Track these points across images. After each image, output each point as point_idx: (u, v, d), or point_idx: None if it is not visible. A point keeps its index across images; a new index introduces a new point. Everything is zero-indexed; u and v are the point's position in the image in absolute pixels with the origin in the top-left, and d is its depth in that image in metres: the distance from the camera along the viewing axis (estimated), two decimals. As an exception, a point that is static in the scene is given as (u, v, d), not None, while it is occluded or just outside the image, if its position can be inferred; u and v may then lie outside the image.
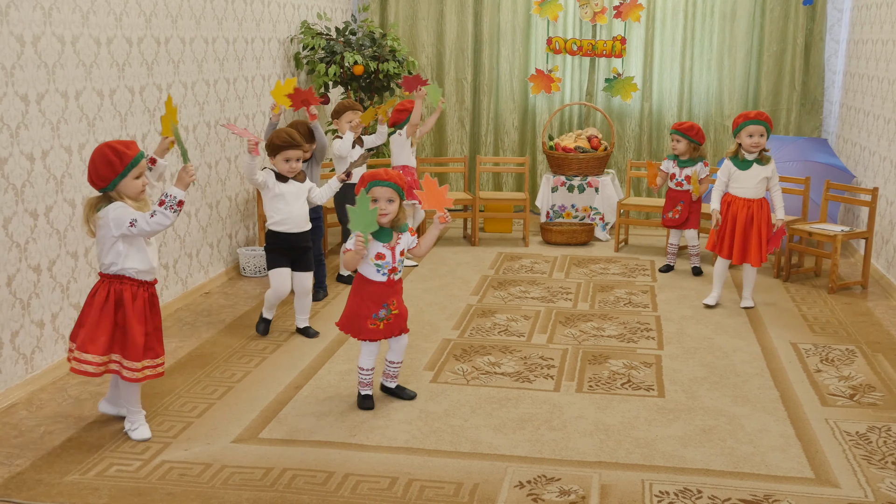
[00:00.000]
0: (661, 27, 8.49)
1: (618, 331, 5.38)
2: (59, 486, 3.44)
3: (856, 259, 7.09)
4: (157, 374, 3.80)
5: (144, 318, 3.74)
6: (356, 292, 4.13)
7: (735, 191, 5.72)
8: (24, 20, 4.23)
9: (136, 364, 3.70)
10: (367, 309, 4.08)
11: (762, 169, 5.63)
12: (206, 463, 3.64)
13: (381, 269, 4.05)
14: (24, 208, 4.27)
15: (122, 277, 3.70)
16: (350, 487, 3.46)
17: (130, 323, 3.68)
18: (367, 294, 4.08)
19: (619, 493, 3.44)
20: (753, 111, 5.68)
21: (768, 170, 5.64)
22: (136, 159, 3.62)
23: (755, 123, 5.59)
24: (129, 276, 3.70)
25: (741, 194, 5.68)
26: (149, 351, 3.75)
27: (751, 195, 5.65)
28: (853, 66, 7.73)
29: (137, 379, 3.72)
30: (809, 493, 3.46)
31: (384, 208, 3.98)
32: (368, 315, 4.08)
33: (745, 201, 5.66)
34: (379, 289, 4.08)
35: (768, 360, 4.89)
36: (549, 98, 8.73)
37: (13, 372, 4.26)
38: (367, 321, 4.09)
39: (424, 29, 8.69)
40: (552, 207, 7.85)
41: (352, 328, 4.14)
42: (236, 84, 6.44)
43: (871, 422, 4.10)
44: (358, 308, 4.10)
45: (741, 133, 5.64)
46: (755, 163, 5.63)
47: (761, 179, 5.63)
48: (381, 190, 3.97)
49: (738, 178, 5.68)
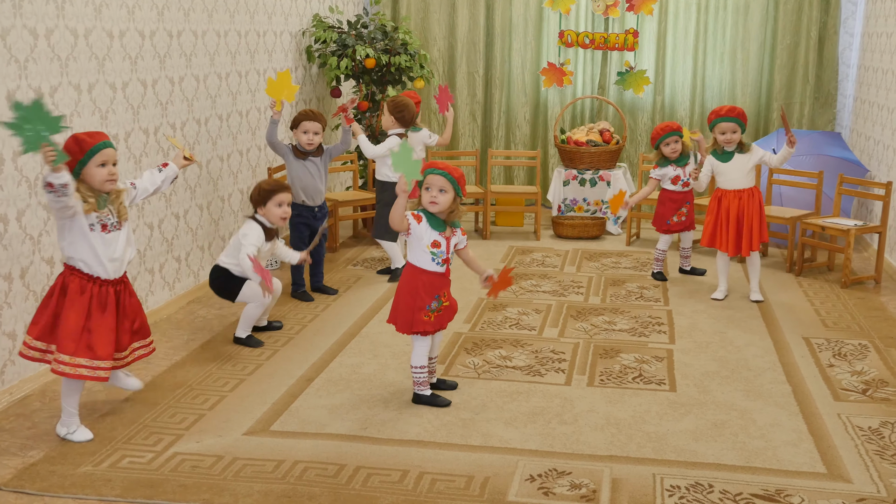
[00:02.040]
0: (674, 20, 8.45)
1: (629, 325, 5.37)
2: (72, 478, 3.46)
3: (869, 254, 7.06)
4: (96, 377, 3.66)
5: (86, 312, 3.64)
6: (407, 284, 4.04)
7: (723, 184, 5.71)
8: (38, 13, 4.24)
9: (65, 357, 3.61)
10: (421, 300, 4.01)
11: (745, 158, 5.64)
12: (218, 455, 3.66)
13: (436, 258, 4.00)
14: (38, 201, 4.29)
15: (73, 269, 3.65)
16: (361, 480, 3.46)
17: (66, 313, 3.62)
18: (421, 284, 4.01)
19: (630, 486, 3.44)
20: (726, 107, 5.68)
21: (754, 157, 5.65)
22: (97, 147, 3.59)
23: (726, 121, 5.61)
24: (79, 268, 3.65)
25: (730, 186, 5.68)
26: (86, 349, 3.63)
27: (739, 185, 5.66)
28: (867, 60, 7.68)
29: (67, 374, 3.62)
30: (821, 487, 3.45)
31: (435, 197, 3.94)
32: (422, 307, 4.01)
33: (736, 192, 5.67)
34: (433, 279, 4.03)
35: (780, 355, 4.88)
36: (561, 91, 8.70)
37: (27, 364, 4.28)
38: (420, 313, 4.01)
39: (436, 22, 8.68)
40: (564, 201, 7.83)
41: (403, 322, 4.06)
42: (248, 77, 6.45)
43: (883, 417, 4.09)
44: (411, 300, 4.02)
45: (714, 130, 5.68)
46: (736, 153, 5.65)
47: (749, 168, 5.64)
48: (434, 178, 3.93)
49: (723, 170, 5.69)
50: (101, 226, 3.65)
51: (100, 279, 3.67)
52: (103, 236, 3.65)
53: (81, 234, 3.61)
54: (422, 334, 4.07)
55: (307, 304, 5.69)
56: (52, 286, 3.69)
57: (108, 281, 3.70)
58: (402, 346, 4.93)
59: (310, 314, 5.50)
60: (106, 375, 3.70)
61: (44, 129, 3.30)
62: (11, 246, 4.14)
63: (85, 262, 3.64)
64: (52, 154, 3.32)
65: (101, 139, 3.64)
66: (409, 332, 4.06)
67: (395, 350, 4.89)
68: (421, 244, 3.99)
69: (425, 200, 3.96)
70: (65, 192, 3.41)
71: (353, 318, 5.43)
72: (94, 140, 3.61)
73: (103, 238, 3.65)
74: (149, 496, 3.33)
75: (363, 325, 5.30)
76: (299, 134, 5.74)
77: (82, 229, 3.61)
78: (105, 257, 3.66)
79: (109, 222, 3.68)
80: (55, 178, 3.38)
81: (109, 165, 3.65)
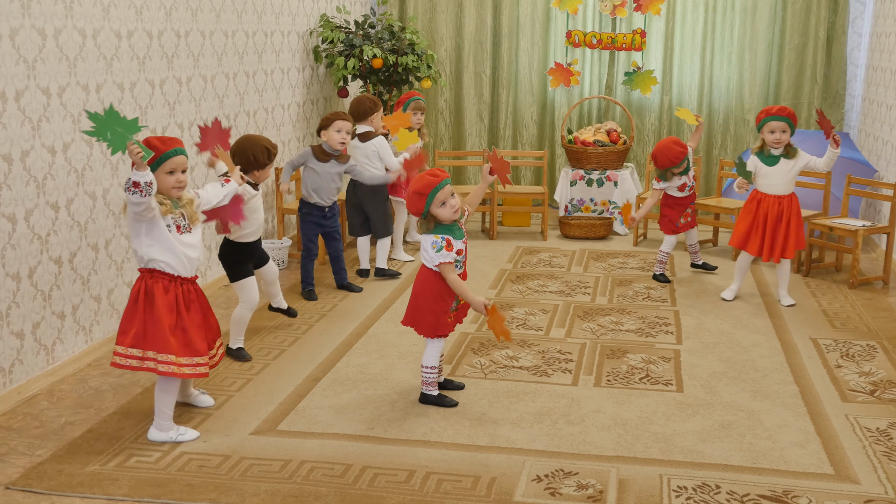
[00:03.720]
0: (682, 20, 8.44)
1: (636, 325, 5.36)
2: (80, 477, 3.47)
3: (877, 254, 7.03)
4: (198, 373, 3.74)
5: (175, 311, 3.70)
6: (430, 289, 4.04)
7: (763, 187, 5.58)
8: (46, 13, 4.25)
9: (171, 357, 3.66)
10: (445, 303, 4.04)
11: (790, 163, 5.50)
12: (225, 454, 3.66)
13: (458, 263, 4.03)
14: (46, 200, 4.30)
15: (153, 271, 3.69)
16: (368, 480, 3.47)
17: (158, 315, 3.66)
18: (444, 288, 4.03)
19: (636, 487, 3.43)
20: (776, 106, 5.54)
21: (800, 162, 5.50)
22: (167, 155, 3.62)
23: (776, 119, 5.46)
24: (160, 269, 3.69)
25: (770, 191, 5.55)
26: (185, 348, 3.70)
27: (780, 191, 5.54)
28: (876, 60, 7.66)
29: (175, 374, 3.67)
30: (829, 489, 3.44)
31: (454, 204, 3.96)
32: (446, 310, 4.05)
33: (776, 198, 5.54)
34: None
35: (788, 356, 4.87)
36: (568, 91, 8.70)
37: (34, 363, 4.30)
38: (445, 316, 4.05)
39: (443, 22, 8.68)
40: (571, 201, 7.83)
41: (426, 326, 4.07)
42: (255, 77, 6.46)
43: (891, 418, 4.07)
44: (435, 304, 4.04)
45: (763, 129, 5.52)
46: (782, 157, 5.51)
47: (793, 174, 5.51)
48: (445, 190, 3.94)
49: (766, 174, 5.54)
50: (176, 227, 3.71)
51: (181, 278, 3.73)
52: (179, 237, 3.71)
53: (161, 235, 3.66)
54: (444, 336, 4.11)
55: (314, 303, 5.70)
56: (133, 292, 3.70)
57: (188, 279, 3.76)
58: (409, 346, 4.93)
59: (316, 314, 5.50)
60: (206, 371, 3.77)
61: (124, 130, 3.41)
62: (19, 245, 4.15)
63: (167, 262, 3.68)
64: (140, 151, 3.41)
65: (172, 146, 3.66)
66: (434, 335, 4.08)
67: (401, 350, 4.89)
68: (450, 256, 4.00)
69: (448, 214, 3.95)
70: (149, 192, 3.49)
71: (360, 318, 5.43)
72: (165, 147, 3.64)
73: (179, 238, 3.71)
74: (156, 495, 3.34)
75: (370, 325, 5.30)
76: (332, 133, 5.60)
77: (161, 230, 3.66)
78: (184, 256, 3.71)
79: (182, 224, 3.74)
80: (141, 176, 3.45)
81: (178, 173, 3.67)
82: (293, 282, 6.16)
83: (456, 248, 4.00)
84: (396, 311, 5.51)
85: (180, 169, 3.69)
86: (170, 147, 3.65)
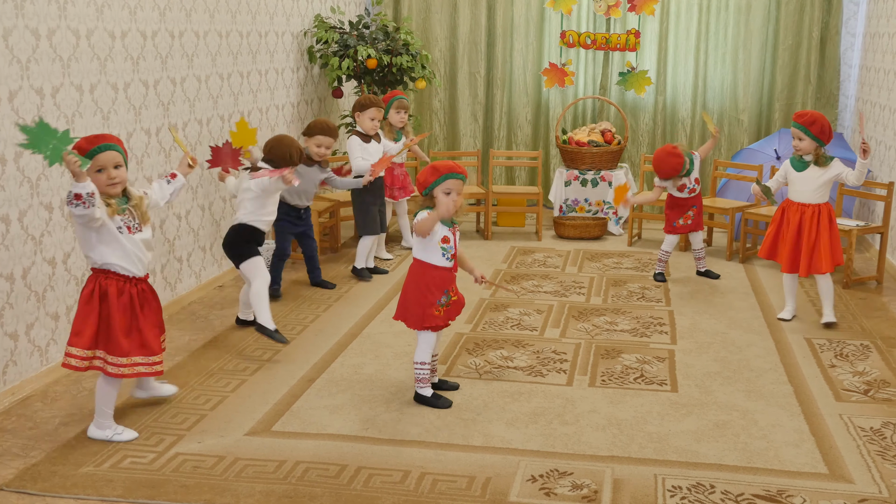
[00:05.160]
0: (676, 21, 8.45)
1: (631, 325, 5.37)
2: (74, 478, 3.46)
3: (871, 254, 7.05)
4: (154, 371, 3.76)
5: (130, 311, 3.69)
6: (417, 280, 4.07)
7: (791, 194, 5.30)
8: (40, 14, 4.24)
9: (121, 360, 3.66)
10: (432, 296, 4.04)
11: (819, 171, 5.16)
12: (220, 455, 3.66)
13: (445, 253, 4.03)
14: (40, 201, 4.30)
15: (107, 273, 3.67)
16: (362, 480, 3.47)
17: (113, 316, 3.65)
18: (431, 280, 4.05)
19: (631, 487, 3.44)
20: (797, 112, 5.24)
21: (829, 172, 5.15)
22: (91, 153, 3.55)
23: (793, 126, 5.18)
24: (114, 271, 3.67)
25: (796, 198, 5.25)
26: (140, 347, 3.70)
27: (806, 199, 5.21)
28: (869, 60, 7.68)
29: (126, 375, 3.68)
30: (823, 488, 3.45)
31: (457, 199, 3.98)
32: (433, 302, 4.05)
33: (799, 206, 5.24)
34: (443, 274, 4.06)
35: (782, 355, 4.87)
36: (562, 92, 8.70)
37: (28, 364, 4.29)
38: (431, 308, 4.05)
39: (438, 22, 8.68)
40: (565, 201, 7.83)
41: (414, 318, 4.08)
42: (250, 78, 6.45)
43: (885, 417, 4.08)
44: (422, 296, 4.05)
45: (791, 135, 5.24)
46: (812, 164, 5.18)
47: (820, 183, 5.17)
48: (457, 182, 3.97)
49: (794, 179, 5.25)
50: (127, 228, 3.69)
51: (135, 278, 3.73)
52: (131, 237, 3.69)
53: (113, 239, 3.64)
54: (433, 329, 4.10)
55: (308, 304, 5.69)
56: (85, 294, 3.68)
57: (141, 279, 3.77)
58: (404, 347, 4.93)
59: (311, 314, 5.50)
60: (161, 368, 3.80)
61: (58, 142, 3.38)
62: (13, 246, 4.14)
63: (120, 264, 3.67)
64: (77, 161, 3.37)
65: (97, 143, 3.59)
66: (421, 327, 4.08)
67: (396, 350, 4.89)
68: (433, 241, 4.02)
69: (447, 205, 3.96)
70: (92, 202, 3.45)
71: (354, 319, 5.43)
72: (90, 145, 3.57)
73: (131, 239, 3.69)
74: (150, 496, 3.33)
75: (364, 326, 5.30)
76: (312, 144, 5.72)
77: (112, 234, 3.63)
78: (135, 257, 3.70)
79: (132, 224, 3.72)
80: (81, 188, 3.41)
81: (109, 170, 3.61)
82: (294, 277, 6.15)
83: (442, 235, 4.01)
84: (391, 311, 5.49)
85: (111, 165, 3.60)
86: (94, 145, 3.57)
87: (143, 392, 4.15)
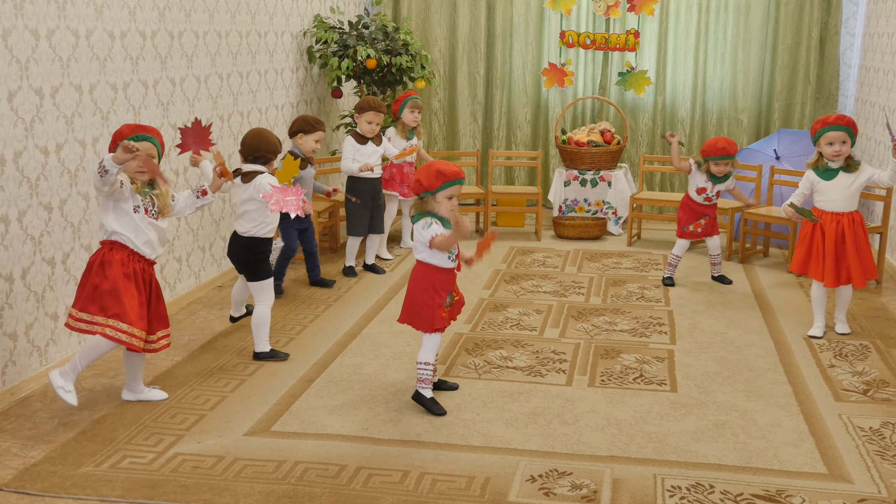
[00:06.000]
0: (675, 21, 8.45)
1: (630, 325, 5.37)
2: (73, 478, 3.46)
3: (870, 254, 7.04)
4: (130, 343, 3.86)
5: (122, 281, 3.84)
6: (423, 283, 4.06)
7: (821, 204, 5.04)
8: (39, 14, 4.24)
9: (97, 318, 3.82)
10: (439, 297, 4.05)
11: (850, 177, 4.95)
12: (219, 455, 3.66)
13: (451, 255, 4.05)
14: (39, 201, 4.30)
15: (114, 244, 3.87)
16: (362, 481, 3.47)
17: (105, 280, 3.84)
18: (437, 282, 4.05)
19: (630, 487, 3.44)
20: (833, 115, 4.97)
21: (861, 177, 4.96)
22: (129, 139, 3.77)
23: (835, 129, 4.90)
24: (122, 242, 3.87)
25: (828, 207, 5.01)
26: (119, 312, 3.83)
27: (840, 208, 4.99)
28: (868, 60, 7.68)
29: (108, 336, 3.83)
30: (822, 488, 3.45)
31: (454, 208, 4.00)
32: (440, 304, 4.06)
33: (834, 215, 4.99)
34: (446, 275, 4.07)
35: (781, 355, 4.88)
36: (562, 92, 8.70)
37: (27, 364, 4.29)
38: (439, 310, 4.06)
39: (437, 23, 8.68)
40: (565, 202, 7.83)
41: (423, 321, 4.07)
42: (249, 78, 6.45)
43: (884, 417, 4.09)
44: (430, 298, 4.04)
45: (820, 141, 4.95)
46: (841, 171, 4.97)
47: (853, 189, 4.96)
48: (458, 187, 3.99)
49: (823, 190, 5.01)
50: (144, 209, 3.91)
51: (139, 255, 3.90)
52: (145, 218, 3.90)
53: (126, 213, 3.86)
54: (440, 331, 4.11)
55: (307, 304, 5.69)
56: (90, 262, 3.88)
57: (146, 260, 3.94)
58: (404, 347, 4.93)
59: (311, 314, 5.50)
60: (140, 344, 3.89)
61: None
62: (12, 246, 4.14)
63: (128, 236, 3.87)
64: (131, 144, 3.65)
65: (137, 132, 3.86)
66: (431, 329, 4.07)
67: (396, 350, 4.89)
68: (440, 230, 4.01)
69: (445, 210, 3.98)
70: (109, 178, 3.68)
71: (354, 319, 5.43)
72: (130, 132, 3.85)
73: (145, 219, 3.90)
74: (149, 497, 3.33)
75: (364, 326, 5.30)
76: (309, 140, 5.78)
77: (127, 210, 3.86)
78: (145, 236, 3.90)
79: (150, 209, 3.93)
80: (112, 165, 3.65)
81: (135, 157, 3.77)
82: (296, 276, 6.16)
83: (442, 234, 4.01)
84: (390, 311, 5.51)
85: (143, 153, 3.83)
86: (134, 133, 3.86)
87: (132, 395, 4.17)
